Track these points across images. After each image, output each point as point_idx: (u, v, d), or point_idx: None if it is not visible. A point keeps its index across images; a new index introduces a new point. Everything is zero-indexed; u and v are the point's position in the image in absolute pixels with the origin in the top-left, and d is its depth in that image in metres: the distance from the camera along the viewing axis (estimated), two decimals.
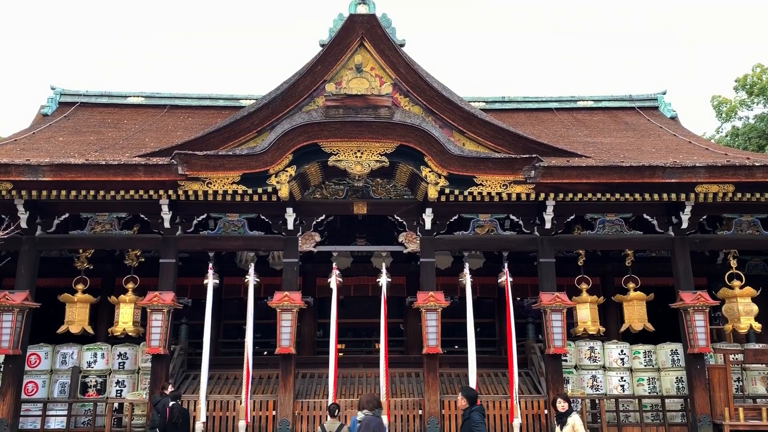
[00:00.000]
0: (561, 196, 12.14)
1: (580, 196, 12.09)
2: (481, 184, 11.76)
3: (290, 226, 12.77)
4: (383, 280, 12.27)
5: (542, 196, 12.15)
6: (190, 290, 14.46)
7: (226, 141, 12.62)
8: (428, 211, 12.67)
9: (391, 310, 13.31)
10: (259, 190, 11.86)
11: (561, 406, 8.51)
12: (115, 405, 12.40)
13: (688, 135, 16.43)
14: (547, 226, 12.82)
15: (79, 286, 13.08)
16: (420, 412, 12.21)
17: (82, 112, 17.56)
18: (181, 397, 11.37)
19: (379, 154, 11.66)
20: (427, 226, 12.80)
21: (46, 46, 57.32)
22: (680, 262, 12.91)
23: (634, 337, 13.93)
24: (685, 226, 12.87)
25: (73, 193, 11.79)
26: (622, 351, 13.45)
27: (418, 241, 12.89)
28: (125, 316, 12.76)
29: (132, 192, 11.84)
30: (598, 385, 13.23)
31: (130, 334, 12.82)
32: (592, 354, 13.45)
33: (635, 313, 13.32)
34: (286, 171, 11.60)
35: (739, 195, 12.08)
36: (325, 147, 11.60)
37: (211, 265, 12.50)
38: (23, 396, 12.43)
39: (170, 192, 11.85)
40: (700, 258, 14.48)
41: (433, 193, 11.80)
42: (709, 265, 15.15)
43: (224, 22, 59.89)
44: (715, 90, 52.04)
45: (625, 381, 13.25)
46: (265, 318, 13.81)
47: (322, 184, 12.99)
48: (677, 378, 13.02)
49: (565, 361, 12.94)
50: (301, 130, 11.44)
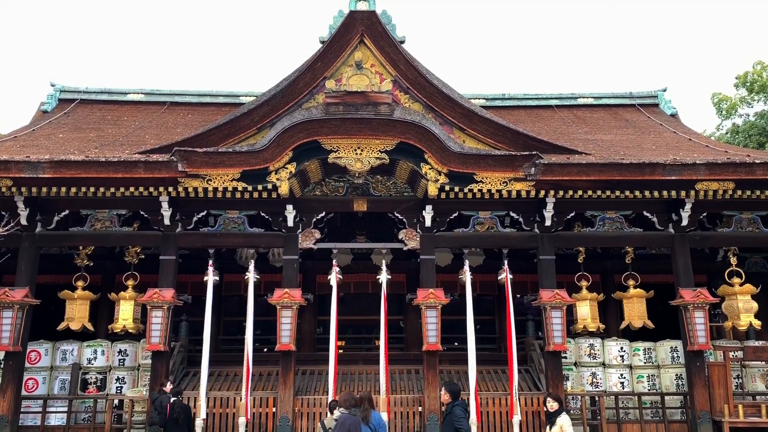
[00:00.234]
0: (561, 193, 12.14)
1: (580, 193, 12.10)
2: (481, 182, 11.76)
3: (290, 223, 12.77)
4: (383, 277, 12.28)
5: (542, 193, 12.15)
6: (190, 287, 14.48)
7: (226, 138, 12.62)
8: (428, 208, 12.67)
9: (391, 307, 13.31)
10: (259, 187, 11.86)
11: (550, 405, 8.53)
12: (116, 402, 12.41)
13: (688, 132, 16.42)
14: (547, 223, 12.82)
15: (79, 283, 13.09)
16: (420, 408, 12.22)
17: (81, 109, 17.55)
18: (182, 393, 11.39)
19: (379, 151, 11.65)
20: (427, 223, 12.80)
21: (45, 43, 57.32)
22: (680, 260, 12.91)
23: (633, 335, 13.94)
24: (685, 223, 12.87)
25: (73, 190, 11.80)
26: (622, 348, 13.47)
27: (418, 238, 12.90)
28: (125, 313, 12.77)
29: (132, 189, 11.85)
30: (598, 382, 13.24)
31: (130, 331, 12.84)
32: (592, 351, 13.46)
33: (635, 310, 13.32)
34: (286, 168, 11.60)
35: (739, 192, 12.09)
36: (325, 144, 11.59)
37: (211, 262, 12.49)
38: (23, 393, 12.43)
39: (170, 189, 11.86)
40: (700, 255, 14.50)
41: (433, 190, 11.80)
42: (709, 263, 15.16)
43: (224, 20, 59.85)
44: (715, 87, 52.02)
45: (625, 378, 13.27)
46: (265, 315, 13.82)
47: (322, 181, 12.98)
48: (677, 375, 13.04)
49: (565, 358, 12.96)
50: (301, 127, 11.43)
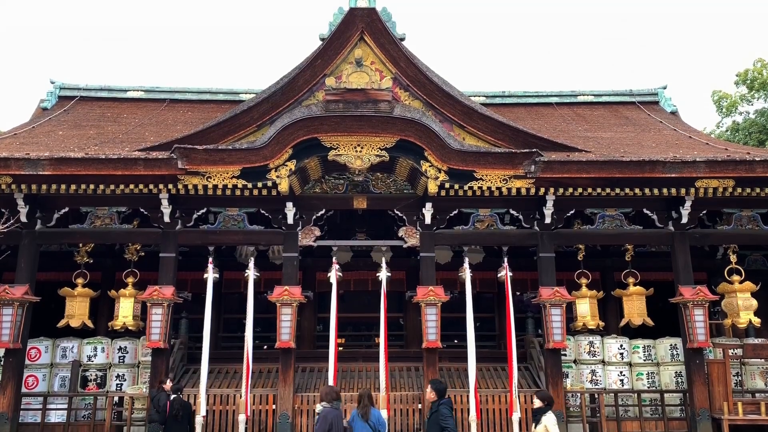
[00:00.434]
0: (561, 190, 12.14)
1: (580, 190, 12.10)
2: (481, 179, 11.76)
3: (290, 221, 12.77)
4: (383, 275, 12.29)
5: (542, 190, 12.16)
6: (190, 284, 14.47)
7: (226, 135, 12.60)
8: (428, 205, 12.66)
9: (391, 305, 13.32)
10: (259, 185, 11.86)
11: (536, 403, 8.27)
12: (116, 399, 12.42)
13: (688, 130, 16.42)
14: (547, 220, 12.82)
15: (79, 280, 13.09)
16: (419, 406, 12.24)
17: (81, 106, 17.53)
18: (182, 390, 11.40)
19: (379, 148, 11.65)
20: (427, 220, 12.80)
21: (45, 41, 57.25)
22: (680, 257, 12.92)
23: (633, 332, 13.94)
24: (685, 221, 12.87)
25: (73, 187, 11.80)
26: (622, 345, 13.47)
27: (418, 236, 12.90)
28: (125, 310, 12.77)
29: (132, 186, 11.85)
30: (598, 380, 13.25)
31: (130, 328, 12.83)
32: (592, 348, 13.47)
33: (635, 307, 13.32)
34: (286, 165, 11.60)
35: (739, 190, 12.09)
36: (325, 141, 11.59)
37: (210, 260, 12.49)
38: (23, 390, 12.44)
39: (170, 186, 11.86)
40: (699, 253, 14.49)
41: (433, 188, 11.81)
42: (709, 260, 15.15)
43: (224, 17, 59.78)
44: (715, 85, 52.04)
45: (625, 375, 13.28)
46: (265, 312, 13.83)
47: (322, 178, 12.98)
48: (676, 372, 13.05)
49: (565, 355, 12.96)
50: (301, 124, 11.42)
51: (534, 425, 8.09)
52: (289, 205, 12.62)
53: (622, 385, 13.19)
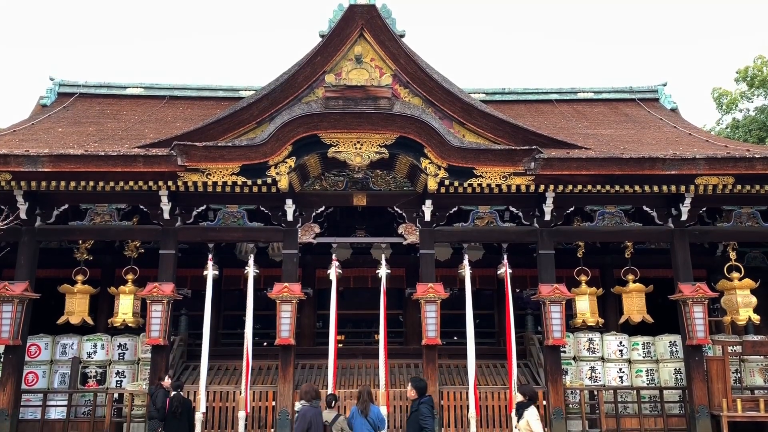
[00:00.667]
0: (561, 187, 12.13)
1: (579, 187, 12.09)
2: (480, 176, 11.75)
3: (290, 218, 12.77)
4: (383, 272, 12.29)
5: (542, 187, 12.15)
6: (190, 281, 14.47)
7: (226, 132, 12.59)
8: (428, 202, 12.66)
9: (391, 302, 13.32)
10: (259, 182, 11.85)
11: (518, 398, 8.13)
12: (115, 395, 12.45)
13: (688, 127, 16.41)
14: (547, 217, 12.82)
15: (79, 277, 13.09)
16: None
17: (81, 103, 17.52)
18: (183, 387, 11.41)
19: (379, 145, 11.64)
20: (427, 217, 12.80)
21: (45, 37, 57.17)
22: (679, 254, 12.92)
23: (633, 329, 13.96)
24: (684, 218, 12.87)
25: (73, 184, 11.79)
26: (621, 342, 13.49)
27: (418, 233, 12.90)
28: (125, 307, 12.77)
29: (131, 183, 11.84)
30: (597, 377, 13.27)
31: (129, 325, 12.84)
32: (591, 345, 13.49)
33: (634, 304, 13.33)
34: (286, 162, 11.59)
35: (738, 187, 12.08)
36: (324, 138, 11.58)
37: (210, 256, 12.49)
38: (23, 386, 12.47)
39: (170, 183, 11.85)
40: (699, 250, 14.50)
41: (432, 185, 11.80)
42: (709, 257, 15.17)
43: (224, 13, 59.69)
44: (715, 82, 52.00)
45: (624, 372, 13.30)
46: (265, 309, 13.83)
47: (321, 175, 12.98)
48: (676, 369, 13.07)
49: (564, 352, 12.98)
50: (301, 121, 11.41)
51: (517, 420, 7.95)
52: (289, 202, 12.62)
53: (622, 382, 13.21)
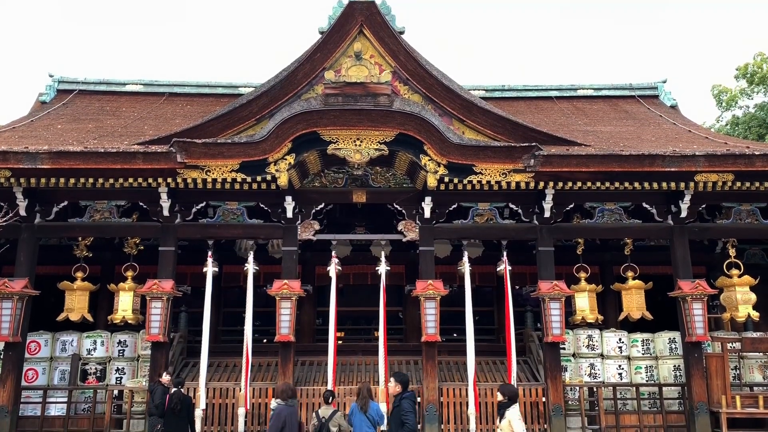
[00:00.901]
0: (560, 184, 12.14)
1: (579, 184, 12.09)
2: (480, 173, 11.75)
3: (289, 215, 12.77)
4: (382, 269, 12.30)
5: (541, 184, 12.15)
6: (190, 278, 14.49)
7: (225, 129, 12.59)
8: (427, 199, 12.66)
9: (390, 299, 13.32)
10: (258, 179, 11.85)
11: (499, 398, 7.84)
12: (115, 392, 12.46)
13: (688, 124, 16.40)
14: (546, 214, 12.82)
15: (79, 274, 13.10)
16: (419, 399, 12.25)
17: (80, 100, 17.51)
18: (184, 383, 11.41)
19: (379, 142, 11.64)
20: (426, 214, 12.80)
21: (44, 34, 57.07)
22: (679, 251, 12.93)
23: (632, 326, 13.96)
24: (684, 215, 12.87)
25: (72, 181, 11.79)
26: (620, 339, 13.50)
27: (417, 230, 12.90)
28: (125, 304, 12.79)
29: (131, 180, 11.83)
30: (596, 373, 13.28)
31: (129, 322, 12.86)
32: (590, 342, 13.50)
33: (634, 301, 13.35)
34: (285, 159, 11.59)
35: (738, 184, 12.09)
36: (324, 135, 11.58)
37: (210, 253, 12.50)
38: (23, 383, 12.48)
39: (169, 180, 11.85)
40: (698, 247, 14.51)
41: (432, 182, 11.80)
42: (708, 254, 15.18)
43: (223, 10, 59.58)
44: (715, 79, 51.87)
45: (623, 369, 13.31)
46: (265, 306, 13.84)
47: (321, 172, 12.97)
48: (675, 366, 13.08)
49: (563, 349, 12.99)
50: (300, 118, 11.41)
51: (498, 419, 7.76)
52: (289, 198, 12.62)
53: (621, 379, 13.22)
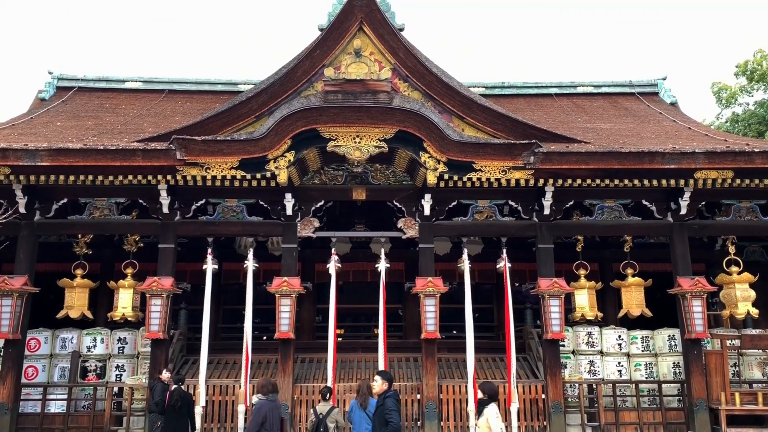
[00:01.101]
0: (560, 182, 12.13)
1: (579, 181, 12.09)
2: (480, 170, 11.74)
3: (289, 212, 12.76)
4: (382, 266, 12.30)
5: (541, 182, 12.14)
6: (190, 275, 14.48)
7: (225, 126, 12.58)
8: (427, 197, 12.65)
9: (390, 296, 13.32)
10: (258, 176, 11.84)
11: (479, 395, 7.83)
12: (115, 389, 12.47)
13: (687, 121, 16.39)
14: (546, 212, 12.82)
15: (78, 271, 13.10)
16: (418, 396, 12.28)
17: (80, 97, 17.49)
18: (184, 381, 11.40)
19: (378, 139, 11.62)
20: (426, 212, 12.79)
21: (43, 31, 56.98)
22: (678, 248, 12.93)
23: (631, 323, 13.97)
24: (683, 212, 12.87)
25: (72, 178, 11.79)
26: (620, 336, 13.51)
27: (417, 227, 12.90)
28: (124, 301, 12.80)
29: (130, 177, 11.83)
30: (596, 371, 13.29)
31: (129, 319, 12.86)
32: (590, 339, 13.50)
33: (633, 298, 13.35)
34: (285, 156, 11.58)
35: (738, 181, 12.09)
36: (323, 132, 11.56)
37: (210, 251, 12.49)
38: (23, 380, 12.48)
39: (169, 177, 11.84)
40: (698, 244, 14.52)
41: (432, 179, 11.79)
42: (708, 251, 15.18)
43: (223, 7, 59.49)
44: (715, 76, 51.90)
45: (623, 366, 13.32)
46: (265, 303, 13.85)
47: (321, 169, 12.96)
48: (674, 363, 13.09)
49: (563, 346, 13.00)
50: (300, 115, 11.39)
51: (477, 417, 7.72)
52: (288, 196, 12.61)
53: (620, 376, 13.23)
